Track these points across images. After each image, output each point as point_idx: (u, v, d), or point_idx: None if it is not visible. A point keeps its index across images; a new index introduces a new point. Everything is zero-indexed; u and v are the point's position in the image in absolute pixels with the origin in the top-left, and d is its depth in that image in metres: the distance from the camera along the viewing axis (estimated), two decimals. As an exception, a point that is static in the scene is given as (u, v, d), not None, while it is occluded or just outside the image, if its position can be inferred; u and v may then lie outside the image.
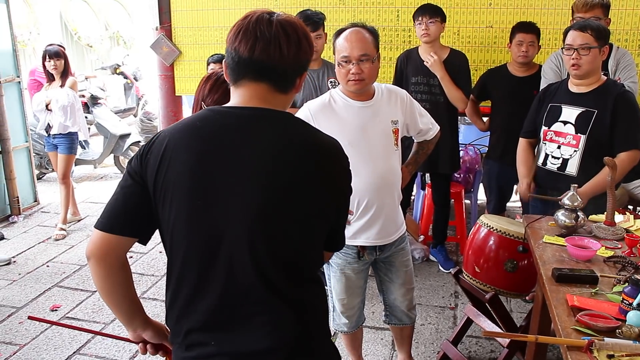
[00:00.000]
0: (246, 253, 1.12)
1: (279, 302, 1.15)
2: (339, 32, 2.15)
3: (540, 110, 2.71)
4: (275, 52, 1.14)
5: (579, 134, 2.52)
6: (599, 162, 2.28)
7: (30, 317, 1.57)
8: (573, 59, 2.46)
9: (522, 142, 2.85)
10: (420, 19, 3.38)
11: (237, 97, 1.20)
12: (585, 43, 2.43)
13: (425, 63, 3.43)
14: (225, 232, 1.12)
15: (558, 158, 2.61)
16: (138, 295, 1.34)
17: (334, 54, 2.16)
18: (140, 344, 1.38)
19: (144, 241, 1.25)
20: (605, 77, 2.58)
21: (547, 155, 2.66)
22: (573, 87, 2.59)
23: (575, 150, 2.54)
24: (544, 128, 2.66)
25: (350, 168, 1.25)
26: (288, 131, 1.17)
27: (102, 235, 1.19)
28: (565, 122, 2.58)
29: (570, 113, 2.56)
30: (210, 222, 1.13)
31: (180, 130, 1.17)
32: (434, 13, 3.36)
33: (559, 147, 2.60)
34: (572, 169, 2.56)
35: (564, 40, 2.56)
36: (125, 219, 1.19)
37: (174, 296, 1.21)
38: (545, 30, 3.67)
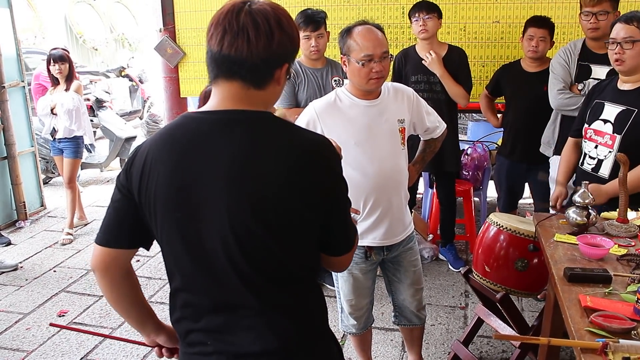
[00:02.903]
0: (226, 262, 1.13)
1: (266, 307, 1.16)
2: (348, 31, 2.12)
3: (587, 106, 2.59)
4: (243, 45, 1.07)
5: (615, 134, 2.39)
6: (633, 166, 2.16)
7: (52, 324, 1.61)
8: (616, 53, 2.33)
9: (568, 142, 2.71)
10: (417, 15, 3.36)
11: (213, 99, 1.16)
12: (629, 36, 2.29)
13: (423, 62, 3.42)
14: (206, 242, 1.13)
15: (594, 158, 2.48)
16: (146, 299, 1.36)
17: (342, 53, 2.14)
18: (155, 348, 1.41)
19: (147, 247, 1.28)
20: None
21: (585, 155, 2.54)
22: (621, 84, 2.45)
23: (610, 151, 2.41)
24: (585, 125, 2.54)
25: (356, 167, 1.23)
26: (261, 135, 1.11)
27: (101, 250, 1.23)
28: (605, 121, 2.44)
29: (611, 111, 2.43)
30: (192, 233, 1.13)
31: (157, 142, 1.16)
32: (430, 9, 3.34)
33: (596, 147, 2.47)
34: (605, 170, 2.43)
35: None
36: (120, 232, 1.22)
37: (173, 299, 1.25)
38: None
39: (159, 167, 1.13)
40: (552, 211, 2.47)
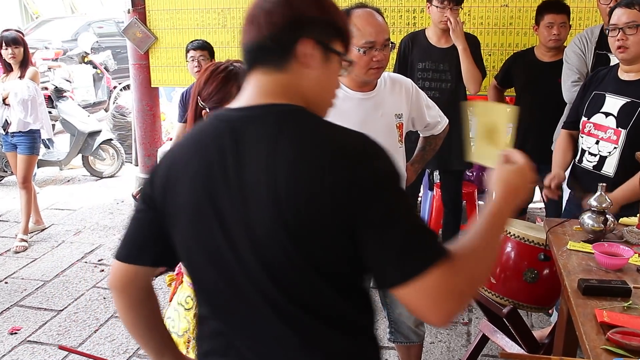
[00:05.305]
0: (250, 284, 1.08)
1: (306, 343, 1.08)
2: (347, 14, 2.11)
3: (583, 97, 2.61)
4: (253, 30, 1.10)
5: (619, 129, 2.42)
6: None
7: (61, 347, 1.58)
8: (618, 40, 2.36)
9: (562, 134, 2.74)
10: (443, 3, 3.32)
11: (242, 94, 1.15)
12: (632, 21, 2.32)
13: (449, 26, 3.29)
14: (229, 258, 1.09)
15: (595, 155, 2.51)
16: (111, 314, 1.36)
17: None
18: None
19: (171, 267, 1.29)
20: None
21: (584, 152, 2.56)
22: (622, 74, 2.48)
23: (614, 147, 2.44)
24: (583, 119, 2.56)
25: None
26: (287, 132, 1.05)
27: (119, 266, 1.22)
28: (607, 114, 2.47)
29: (613, 103, 2.46)
30: (213, 247, 1.10)
31: (182, 145, 1.17)
32: (458, 0, 3.30)
33: (597, 143, 2.50)
34: (609, 168, 2.46)
35: (609, 20, 2.45)
36: (142, 247, 1.21)
37: (201, 327, 1.23)
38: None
39: (180, 173, 1.13)
40: (545, 197, 2.47)
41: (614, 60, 2.99)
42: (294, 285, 1.05)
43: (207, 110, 1.63)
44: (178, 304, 1.82)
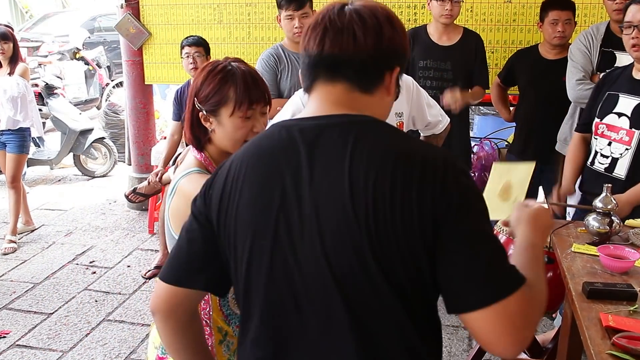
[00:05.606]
0: (317, 300, 1.04)
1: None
2: None
3: (597, 98, 2.59)
4: (349, 42, 1.06)
5: (633, 129, 2.40)
6: None
7: None
8: (633, 38, 2.34)
9: (574, 138, 2.73)
10: None
11: (309, 107, 1.12)
12: None
13: (448, 107, 3.25)
14: (297, 278, 1.05)
15: (607, 157, 2.49)
16: (103, 317, 1.34)
17: None
18: None
19: (223, 293, 1.23)
20: None
21: (596, 153, 2.54)
22: (637, 73, 2.46)
23: (626, 149, 2.42)
24: (596, 120, 2.54)
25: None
26: (366, 142, 1.03)
27: (167, 289, 1.18)
28: (620, 114, 2.45)
29: (627, 104, 2.43)
30: (279, 264, 1.06)
31: (242, 156, 1.12)
32: None
33: (609, 144, 2.48)
34: (620, 170, 2.44)
35: (624, 16, 2.44)
36: (193, 269, 1.16)
37: (243, 348, 1.17)
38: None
39: (242, 184, 1.09)
40: (557, 209, 2.48)
41: (619, 58, 3.00)
42: (364, 303, 1.02)
43: (204, 112, 1.60)
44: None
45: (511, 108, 3.81)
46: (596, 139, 2.55)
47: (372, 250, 0.99)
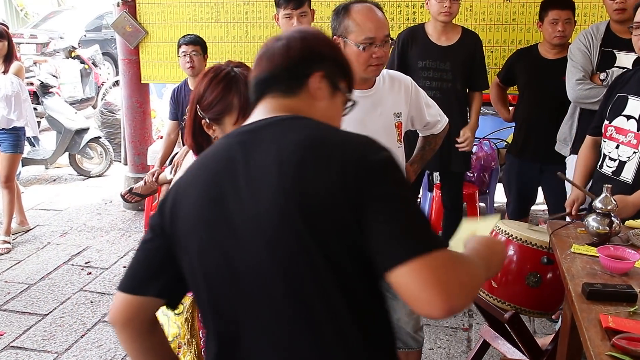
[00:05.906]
0: (262, 284, 1.11)
1: (307, 339, 1.11)
2: (346, 9, 2.11)
3: (607, 100, 2.56)
4: (267, 63, 1.22)
5: None
6: None
7: None
8: None
9: (586, 141, 2.70)
10: None
11: (248, 120, 1.24)
12: None
13: (460, 147, 3.42)
14: (238, 260, 1.13)
15: (615, 160, 2.46)
16: (99, 318, 1.35)
17: (335, 34, 2.13)
18: None
19: (174, 305, 1.29)
20: None
21: (605, 157, 2.51)
22: None
23: (634, 152, 2.38)
24: (605, 122, 2.51)
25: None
26: (293, 132, 1.14)
27: (123, 298, 1.22)
28: (628, 117, 2.42)
29: (636, 106, 2.40)
30: (223, 252, 1.13)
31: (191, 167, 1.24)
32: None
33: (617, 147, 2.45)
34: (627, 174, 2.41)
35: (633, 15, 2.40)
36: (148, 277, 1.22)
37: (209, 350, 1.23)
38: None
39: (190, 189, 1.18)
40: (567, 219, 2.49)
41: (619, 58, 3.00)
42: (303, 281, 1.08)
43: (207, 120, 1.59)
44: (167, 309, 1.80)
45: (510, 108, 3.81)
46: (605, 141, 2.53)
47: (305, 222, 1.05)
